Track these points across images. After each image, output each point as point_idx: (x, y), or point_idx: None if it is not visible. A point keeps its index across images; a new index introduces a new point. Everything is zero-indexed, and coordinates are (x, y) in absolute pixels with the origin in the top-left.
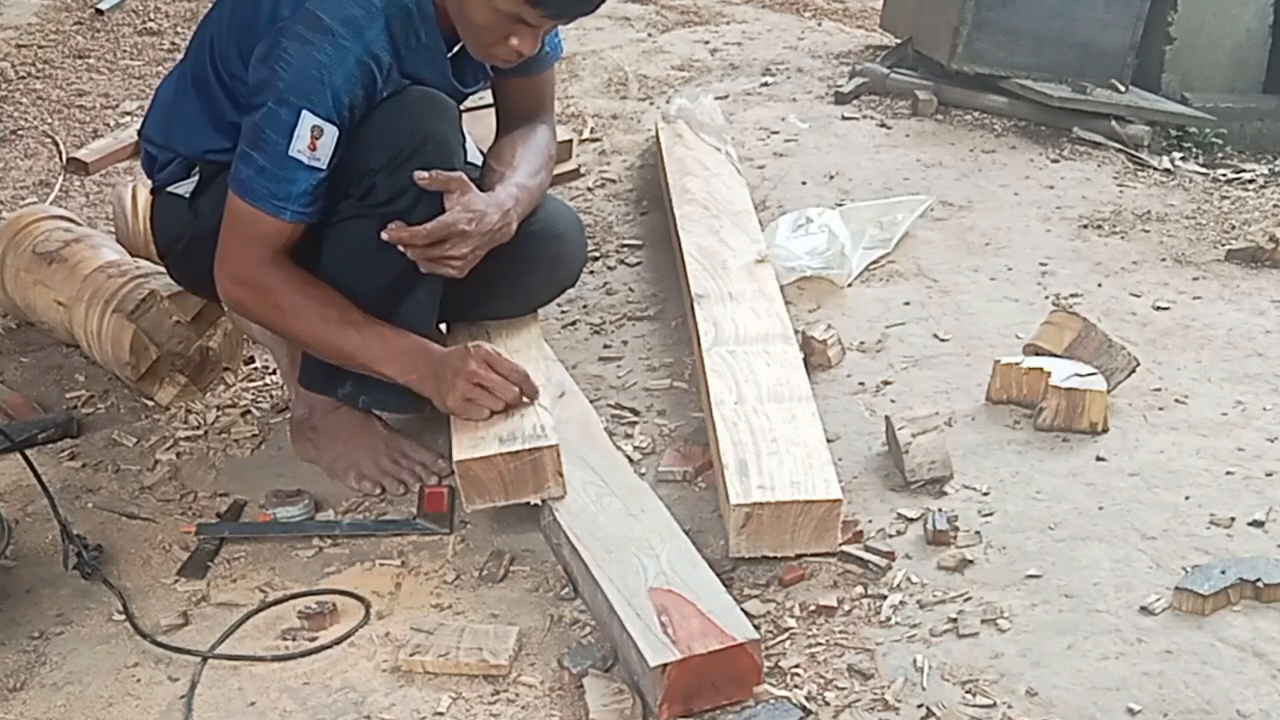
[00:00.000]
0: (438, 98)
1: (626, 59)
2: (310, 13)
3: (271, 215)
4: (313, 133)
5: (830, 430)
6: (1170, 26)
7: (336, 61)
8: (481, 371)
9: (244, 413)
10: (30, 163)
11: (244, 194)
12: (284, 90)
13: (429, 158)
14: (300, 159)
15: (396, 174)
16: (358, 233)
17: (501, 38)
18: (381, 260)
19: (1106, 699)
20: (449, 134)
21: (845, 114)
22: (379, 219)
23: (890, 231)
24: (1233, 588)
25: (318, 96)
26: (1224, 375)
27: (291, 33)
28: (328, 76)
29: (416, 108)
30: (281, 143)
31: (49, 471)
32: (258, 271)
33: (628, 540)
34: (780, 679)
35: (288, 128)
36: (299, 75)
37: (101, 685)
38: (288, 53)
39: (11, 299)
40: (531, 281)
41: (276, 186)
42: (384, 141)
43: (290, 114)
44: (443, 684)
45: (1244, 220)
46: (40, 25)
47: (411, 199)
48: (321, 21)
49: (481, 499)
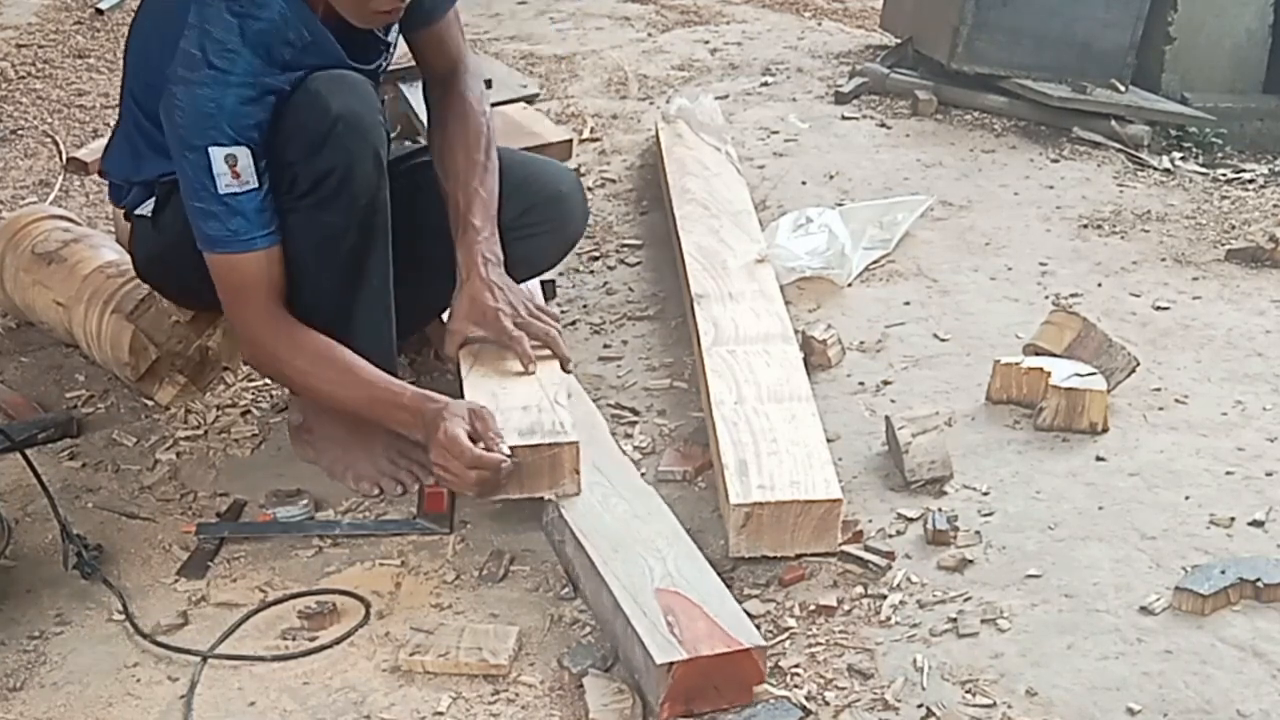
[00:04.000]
0: (342, 76)
1: (626, 59)
2: (184, 51)
3: (245, 253)
4: (228, 162)
5: (830, 430)
6: (1170, 26)
7: (220, 90)
8: (442, 461)
9: (244, 412)
10: (30, 162)
11: (212, 247)
12: (187, 136)
13: (343, 138)
14: (232, 190)
15: (313, 161)
16: (295, 228)
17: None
18: (324, 251)
19: (1106, 699)
20: (359, 109)
21: (845, 114)
22: (308, 209)
23: (890, 231)
24: (1232, 588)
25: (215, 129)
26: (1224, 375)
27: (176, 78)
28: (215, 107)
29: (320, 91)
30: (210, 185)
31: (49, 471)
32: (261, 332)
33: (634, 541)
34: (780, 679)
35: (205, 169)
36: (192, 116)
37: (101, 685)
38: (178, 99)
39: (11, 299)
40: (541, 245)
41: (231, 223)
42: (296, 132)
43: (200, 156)
44: (443, 684)
45: (1244, 220)
46: (40, 25)
47: (335, 183)
48: (195, 58)
49: (497, 491)
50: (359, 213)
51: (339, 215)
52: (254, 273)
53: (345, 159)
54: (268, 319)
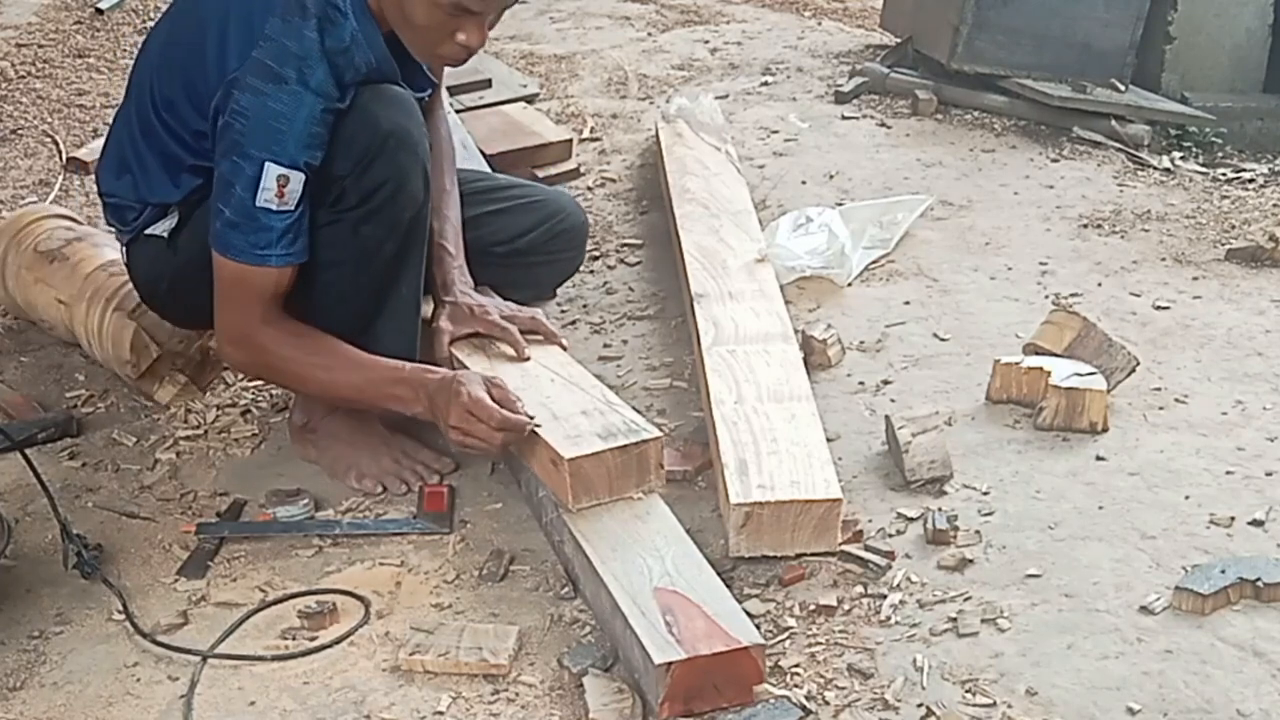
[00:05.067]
0: (392, 93)
1: (626, 58)
2: (258, 62)
3: (257, 265)
4: (279, 182)
5: (830, 430)
6: (1170, 26)
7: (292, 108)
8: (464, 425)
9: (244, 412)
10: (30, 162)
11: (226, 251)
12: (244, 143)
13: (392, 154)
14: (269, 207)
15: (364, 177)
16: (333, 239)
17: (447, 35)
18: (360, 261)
19: (1106, 698)
20: (410, 127)
21: (845, 113)
22: (352, 222)
23: (890, 231)
24: (1232, 587)
25: (278, 146)
26: (1224, 375)
27: (243, 84)
28: (286, 125)
29: (372, 108)
30: (248, 196)
31: (49, 471)
32: (252, 330)
33: (633, 540)
34: (780, 678)
35: (252, 181)
36: (257, 126)
37: (101, 684)
38: (241, 105)
39: (12, 297)
40: (543, 274)
41: (255, 237)
42: (347, 147)
43: (253, 166)
44: (443, 683)
45: (1244, 220)
46: (40, 25)
47: (383, 198)
48: (271, 70)
49: (589, 497)
50: (403, 225)
51: (382, 228)
52: (259, 286)
53: (396, 174)
54: (258, 321)
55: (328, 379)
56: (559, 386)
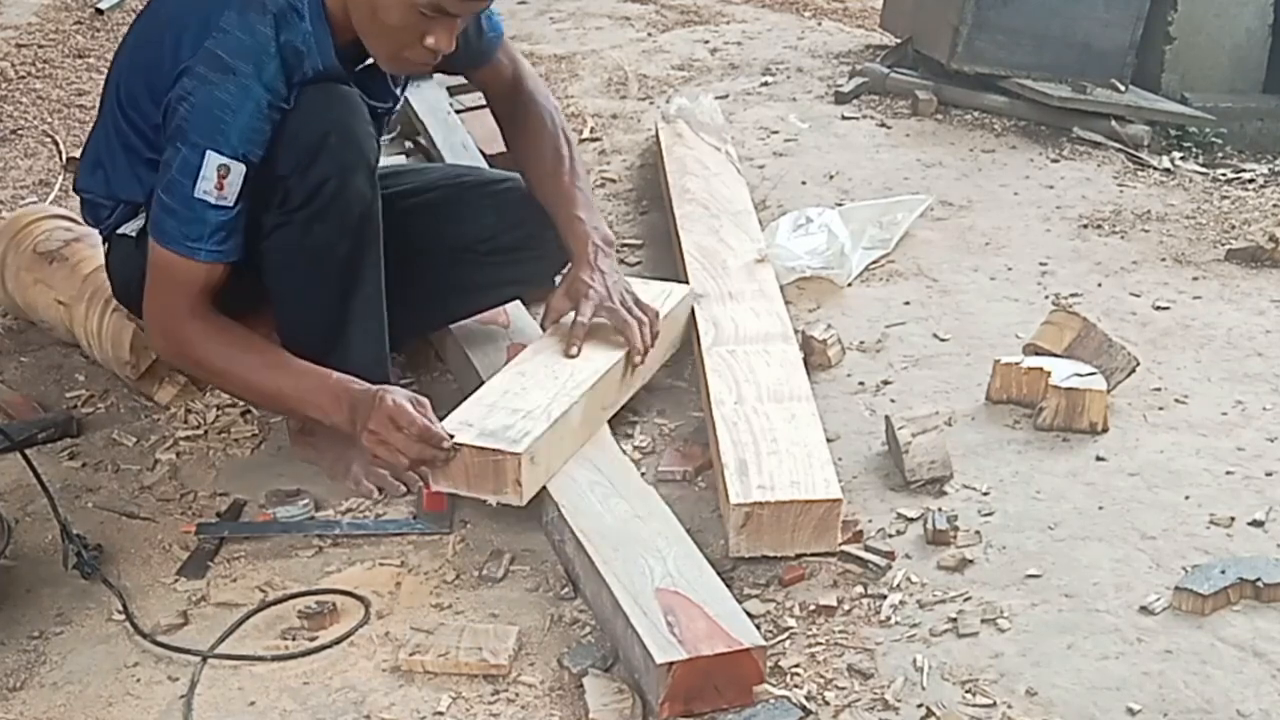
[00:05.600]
0: (336, 90)
1: (626, 59)
2: (209, 52)
3: (186, 257)
4: (219, 172)
5: (830, 430)
6: (1170, 26)
7: (239, 100)
8: (381, 431)
9: (244, 412)
10: (30, 162)
11: (159, 238)
12: (188, 130)
13: (335, 151)
14: (207, 199)
15: (307, 174)
16: (285, 243)
17: (416, 37)
18: (315, 265)
19: (1106, 699)
20: (352, 124)
21: (845, 114)
22: (301, 223)
23: (890, 231)
24: (1232, 587)
25: (222, 136)
26: (1224, 375)
27: (193, 73)
28: (231, 115)
29: (316, 105)
30: (187, 184)
31: (49, 471)
32: (177, 322)
33: (634, 541)
34: (780, 679)
35: (193, 169)
36: (202, 115)
37: (101, 685)
38: (190, 93)
39: (12, 298)
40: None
41: (188, 228)
42: (288, 146)
43: (195, 155)
44: (442, 684)
45: (1244, 220)
46: (40, 25)
47: (328, 196)
48: (221, 60)
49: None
50: (352, 223)
51: (332, 227)
52: (187, 279)
53: (338, 171)
54: (186, 314)
55: (250, 379)
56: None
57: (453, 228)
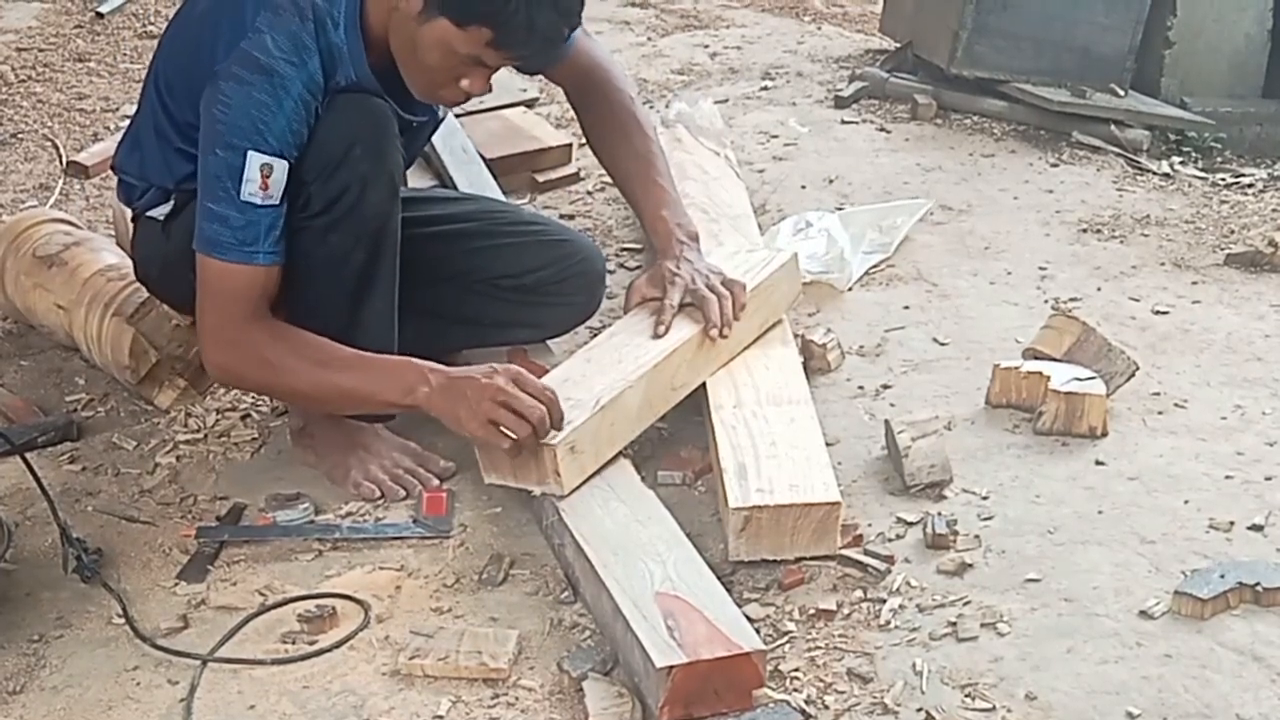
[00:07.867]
0: (368, 102)
1: (626, 63)
2: (245, 53)
3: (244, 264)
4: (263, 171)
5: (829, 434)
6: (1170, 31)
7: (276, 99)
8: (510, 389)
9: (244, 416)
10: (30, 166)
11: (211, 251)
12: (227, 134)
13: (358, 162)
14: (254, 200)
15: (329, 182)
16: (303, 247)
17: (452, 79)
18: (330, 272)
19: (1106, 703)
20: (377, 135)
21: (845, 118)
22: (319, 230)
23: (890, 235)
24: (1232, 592)
25: (260, 135)
26: (1223, 379)
27: (228, 75)
28: (269, 115)
29: (342, 114)
30: (234, 188)
31: (49, 475)
32: (239, 331)
33: (634, 545)
34: (780, 683)
35: (237, 172)
36: (240, 117)
37: (101, 688)
38: (226, 95)
39: (11, 302)
40: (549, 315)
41: (242, 234)
42: (314, 152)
43: (237, 157)
44: (442, 687)
45: (1243, 224)
46: (40, 29)
47: (346, 206)
48: (257, 61)
49: (495, 474)
50: (369, 235)
51: (348, 237)
52: (246, 285)
53: (359, 182)
54: (248, 321)
55: (316, 375)
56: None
57: (481, 259)
